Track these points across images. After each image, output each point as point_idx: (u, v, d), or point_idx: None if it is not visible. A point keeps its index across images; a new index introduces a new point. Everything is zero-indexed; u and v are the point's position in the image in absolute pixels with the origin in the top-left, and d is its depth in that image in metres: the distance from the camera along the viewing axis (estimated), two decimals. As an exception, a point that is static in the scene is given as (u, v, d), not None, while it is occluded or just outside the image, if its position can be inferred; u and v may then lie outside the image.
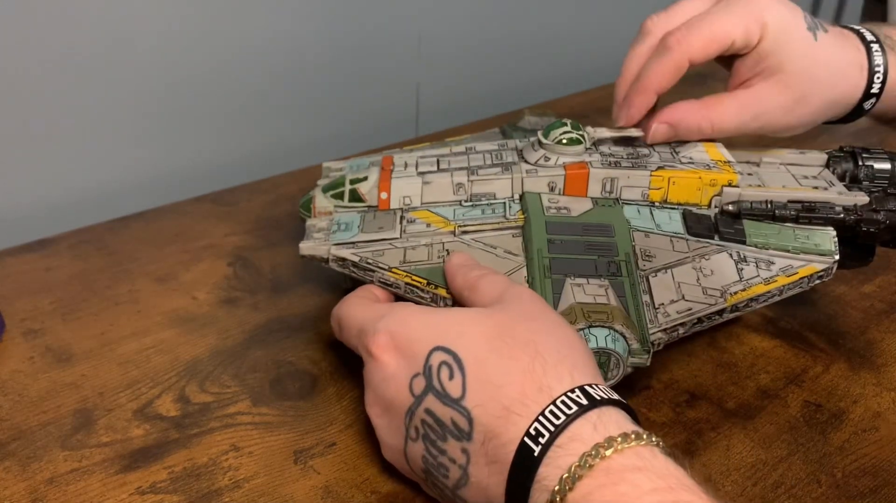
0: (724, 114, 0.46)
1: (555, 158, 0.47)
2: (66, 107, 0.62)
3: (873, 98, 0.47)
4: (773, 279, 0.43)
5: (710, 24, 0.45)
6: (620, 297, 0.40)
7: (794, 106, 0.46)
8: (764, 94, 0.46)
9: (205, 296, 0.52)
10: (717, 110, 0.46)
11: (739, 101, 0.46)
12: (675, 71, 0.46)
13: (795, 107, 0.46)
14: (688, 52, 0.45)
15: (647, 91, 0.46)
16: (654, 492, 0.29)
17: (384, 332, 0.36)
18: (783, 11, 0.45)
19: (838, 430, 0.43)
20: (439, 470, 0.34)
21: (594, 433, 0.31)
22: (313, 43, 0.73)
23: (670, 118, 0.47)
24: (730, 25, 0.45)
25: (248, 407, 0.43)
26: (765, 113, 0.46)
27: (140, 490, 0.38)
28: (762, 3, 0.45)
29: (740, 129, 0.47)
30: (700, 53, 0.45)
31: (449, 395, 0.34)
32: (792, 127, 0.47)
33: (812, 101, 0.46)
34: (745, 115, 0.46)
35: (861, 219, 0.46)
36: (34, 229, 0.59)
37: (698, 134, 0.47)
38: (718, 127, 0.47)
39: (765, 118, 0.46)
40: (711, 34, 0.45)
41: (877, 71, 0.47)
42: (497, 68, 0.88)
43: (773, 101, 0.46)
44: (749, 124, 0.46)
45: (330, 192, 0.48)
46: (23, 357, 0.46)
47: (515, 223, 0.45)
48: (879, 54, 0.47)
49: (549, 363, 0.33)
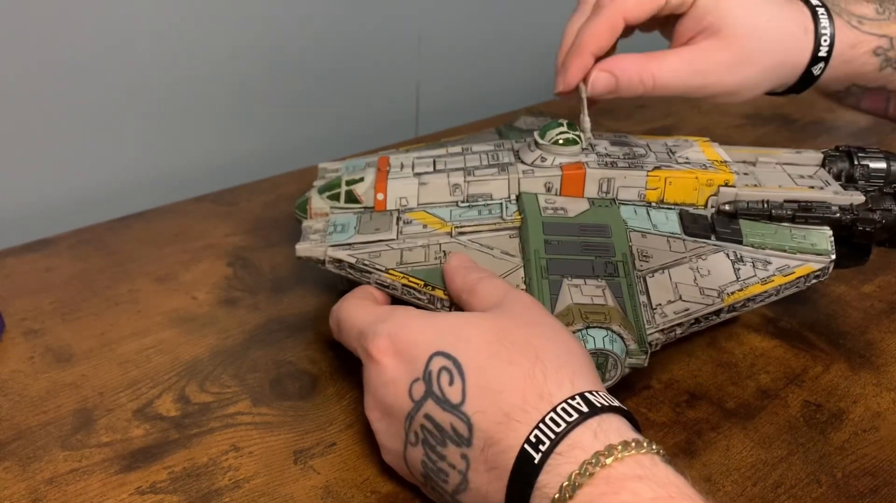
0: (666, 67, 0.45)
1: (551, 159, 0.47)
2: (66, 107, 0.62)
3: (821, 63, 0.46)
4: (769, 279, 0.43)
5: None
6: (618, 298, 0.40)
7: (738, 64, 0.45)
8: (705, 50, 0.45)
9: (205, 297, 0.52)
10: (659, 63, 0.45)
11: (681, 56, 0.45)
12: (610, 30, 0.45)
13: (739, 65, 0.45)
14: (621, 10, 0.44)
15: (583, 53, 0.45)
16: (655, 501, 0.29)
17: (384, 336, 0.36)
18: None
19: (838, 430, 0.43)
20: (439, 475, 0.34)
21: (594, 441, 0.31)
22: (313, 43, 0.73)
23: (611, 67, 0.45)
24: None
25: (248, 407, 0.43)
26: (707, 70, 0.45)
27: (140, 490, 0.38)
28: None
29: (684, 85, 0.45)
30: (634, 10, 0.44)
31: (449, 401, 0.33)
32: (737, 88, 0.46)
33: (756, 60, 0.45)
34: (687, 69, 0.45)
35: (857, 218, 0.46)
36: (34, 229, 0.59)
37: (640, 86, 0.45)
38: (661, 81, 0.45)
39: (708, 76, 0.45)
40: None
41: (823, 33, 0.46)
42: (497, 68, 0.88)
43: (714, 57, 0.45)
44: (691, 80, 0.45)
45: (326, 193, 0.48)
46: (23, 357, 0.46)
47: (512, 224, 0.45)
48: (825, 17, 0.46)
49: (549, 369, 0.33)
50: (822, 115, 0.80)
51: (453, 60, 0.84)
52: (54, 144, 0.63)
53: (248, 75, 0.71)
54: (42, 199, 0.64)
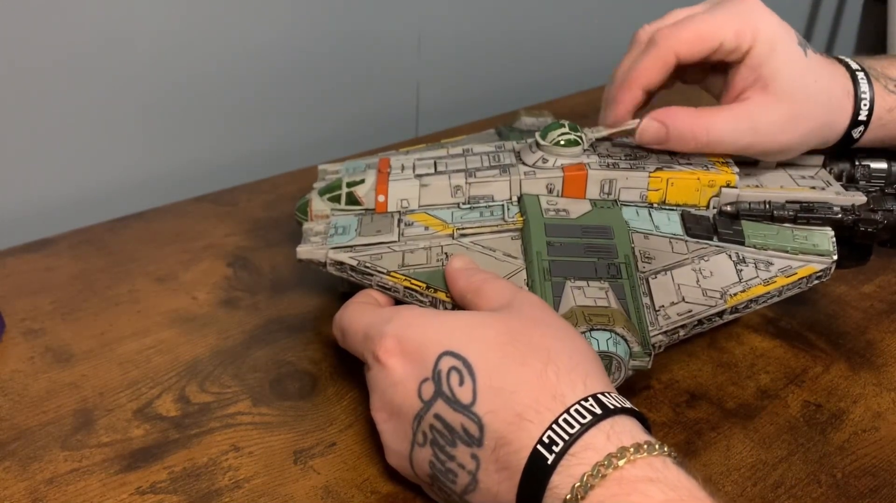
0: (719, 123, 0.45)
1: (553, 160, 0.47)
2: (66, 107, 0.62)
3: (861, 126, 0.46)
4: (772, 280, 0.43)
5: (699, 21, 0.44)
6: (621, 300, 0.40)
7: (789, 123, 0.45)
8: (759, 106, 0.45)
9: (205, 297, 0.52)
10: (713, 118, 0.45)
11: (734, 113, 0.45)
12: (662, 65, 0.45)
13: (790, 124, 0.45)
14: (674, 46, 0.44)
15: (633, 86, 0.46)
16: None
17: (391, 337, 0.36)
18: (775, 21, 0.45)
19: (838, 430, 0.43)
20: (447, 475, 0.34)
21: (607, 443, 0.31)
22: (313, 43, 0.73)
23: (664, 117, 0.45)
24: (719, 23, 0.44)
25: (248, 407, 0.43)
26: (760, 127, 0.45)
27: (140, 490, 0.38)
28: (755, 9, 0.44)
29: (735, 142, 0.45)
30: (687, 49, 0.44)
31: (459, 401, 0.33)
32: (786, 147, 0.46)
33: (806, 119, 0.45)
34: (740, 126, 0.45)
35: (859, 219, 0.46)
36: (34, 229, 0.59)
37: (692, 141, 0.45)
38: (714, 136, 0.45)
39: (760, 134, 0.45)
40: (699, 31, 0.44)
41: (863, 98, 0.46)
42: (498, 68, 0.88)
43: (769, 115, 0.44)
44: (743, 137, 0.45)
45: (326, 195, 0.48)
46: (23, 357, 0.46)
47: (514, 225, 0.45)
48: (865, 82, 0.46)
49: (562, 370, 0.33)
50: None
51: (453, 60, 0.84)
52: (54, 144, 0.63)
53: (248, 75, 0.71)
54: (42, 199, 0.64)
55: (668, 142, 0.46)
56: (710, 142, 0.45)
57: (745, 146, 0.45)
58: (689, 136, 0.45)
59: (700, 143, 0.45)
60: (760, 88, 0.44)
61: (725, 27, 0.44)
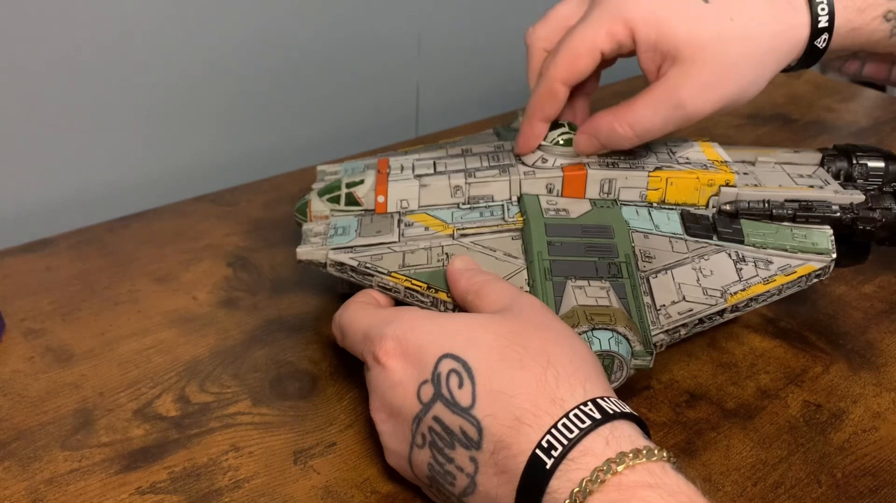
0: (640, 113, 0.43)
1: (552, 160, 0.47)
2: (66, 107, 0.62)
3: (824, 34, 0.43)
4: (771, 278, 0.43)
5: (568, 42, 0.43)
6: (622, 299, 0.40)
7: (716, 77, 0.42)
8: (675, 78, 0.42)
9: (205, 297, 0.52)
10: (632, 111, 0.43)
11: (653, 96, 0.43)
12: (553, 98, 0.45)
13: (718, 77, 0.42)
14: (556, 78, 0.44)
15: (532, 120, 0.46)
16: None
17: (391, 338, 0.36)
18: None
19: (838, 430, 0.43)
20: (445, 477, 0.34)
21: (606, 448, 0.30)
22: (313, 43, 0.73)
23: (588, 129, 0.45)
24: (588, 37, 0.43)
25: (248, 407, 0.43)
26: (685, 99, 0.42)
27: (140, 490, 0.38)
28: None
29: (665, 123, 0.43)
30: (569, 74, 0.44)
31: (458, 404, 0.33)
32: (729, 99, 0.43)
33: (736, 63, 0.42)
34: (663, 106, 0.43)
35: (858, 217, 0.46)
36: (34, 229, 0.59)
37: (622, 139, 0.44)
38: (639, 128, 0.43)
39: (689, 104, 0.42)
40: (573, 53, 0.43)
41: (819, 2, 0.43)
42: (498, 68, 0.88)
43: (687, 83, 0.42)
44: (673, 115, 0.43)
45: (326, 195, 0.48)
46: (23, 357, 0.46)
47: (514, 225, 0.45)
48: None
49: (561, 374, 0.33)
50: (823, 114, 0.80)
51: (453, 60, 0.84)
52: (54, 144, 0.63)
53: (248, 75, 0.71)
54: (42, 199, 0.64)
55: (605, 146, 0.45)
56: (639, 133, 0.44)
57: (681, 120, 0.43)
58: (618, 136, 0.44)
59: (629, 138, 0.44)
60: (671, 62, 0.42)
61: (596, 35, 0.43)
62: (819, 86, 0.86)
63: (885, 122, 0.79)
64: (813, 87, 0.86)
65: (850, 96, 0.84)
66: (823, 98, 0.83)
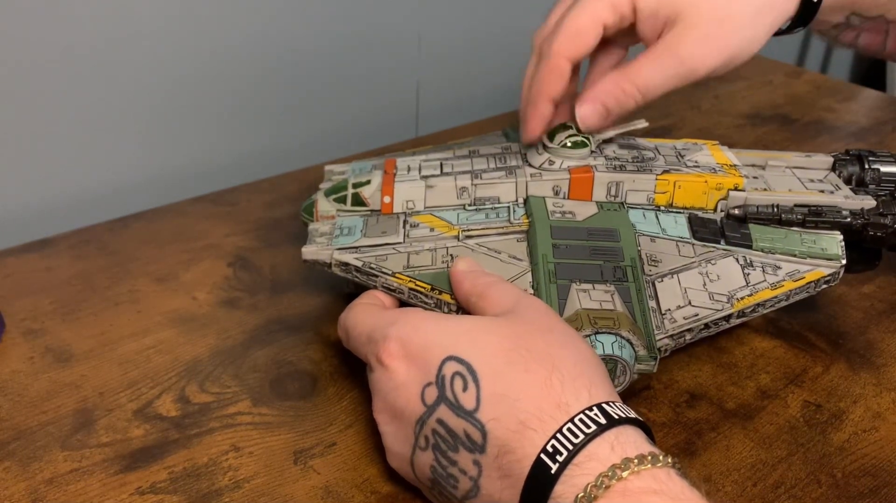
0: (645, 70, 0.43)
1: (559, 162, 0.46)
2: (66, 106, 0.62)
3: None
4: (779, 284, 0.43)
5: (571, 18, 0.44)
6: (626, 303, 0.40)
7: (715, 28, 0.42)
8: (675, 37, 0.43)
9: (205, 297, 0.52)
10: (637, 70, 0.43)
11: (655, 53, 0.43)
12: (559, 75, 0.45)
13: (717, 28, 0.42)
14: (561, 53, 0.44)
15: (538, 101, 0.45)
16: None
17: (395, 339, 0.36)
18: None
19: (838, 430, 0.43)
20: (448, 480, 0.34)
21: (611, 453, 0.30)
22: (313, 42, 0.73)
23: (593, 95, 0.44)
24: (590, 10, 0.44)
25: (248, 407, 0.43)
26: (685, 53, 0.43)
27: (140, 490, 0.38)
28: None
29: (670, 80, 0.43)
30: (574, 49, 0.44)
31: (462, 407, 0.33)
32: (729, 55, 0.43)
33: (732, 17, 0.43)
34: (667, 63, 0.43)
35: (868, 223, 0.45)
36: (34, 229, 0.59)
37: (630, 99, 0.44)
38: (645, 85, 0.43)
39: (690, 58, 0.43)
40: (576, 28, 0.44)
41: None
42: (498, 68, 0.88)
43: (687, 35, 0.42)
44: (677, 71, 0.43)
45: (332, 195, 0.48)
46: (23, 357, 0.46)
47: (520, 227, 0.45)
48: None
49: (566, 378, 0.33)
50: (822, 114, 0.80)
51: (453, 60, 0.84)
52: (54, 144, 0.63)
53: (249, 75, 0.71)
54: (42, 199, 0.64)
55: (610, 113, 0.45)
56: (646, 91, 0.44)
57: (684, 76, 0.43)
58: (625, 97, 0.44)
59: (637, 98, 0.44)
60: (671, 25, 0.43)
61: (598, 10, 0.43)
62: (819, 86, 0.86)
63: (885, 122, 0.79)
64: (813, 87, 0.86)
65: (850, 96, 0.84)
66: (823, 98, 0.83)
